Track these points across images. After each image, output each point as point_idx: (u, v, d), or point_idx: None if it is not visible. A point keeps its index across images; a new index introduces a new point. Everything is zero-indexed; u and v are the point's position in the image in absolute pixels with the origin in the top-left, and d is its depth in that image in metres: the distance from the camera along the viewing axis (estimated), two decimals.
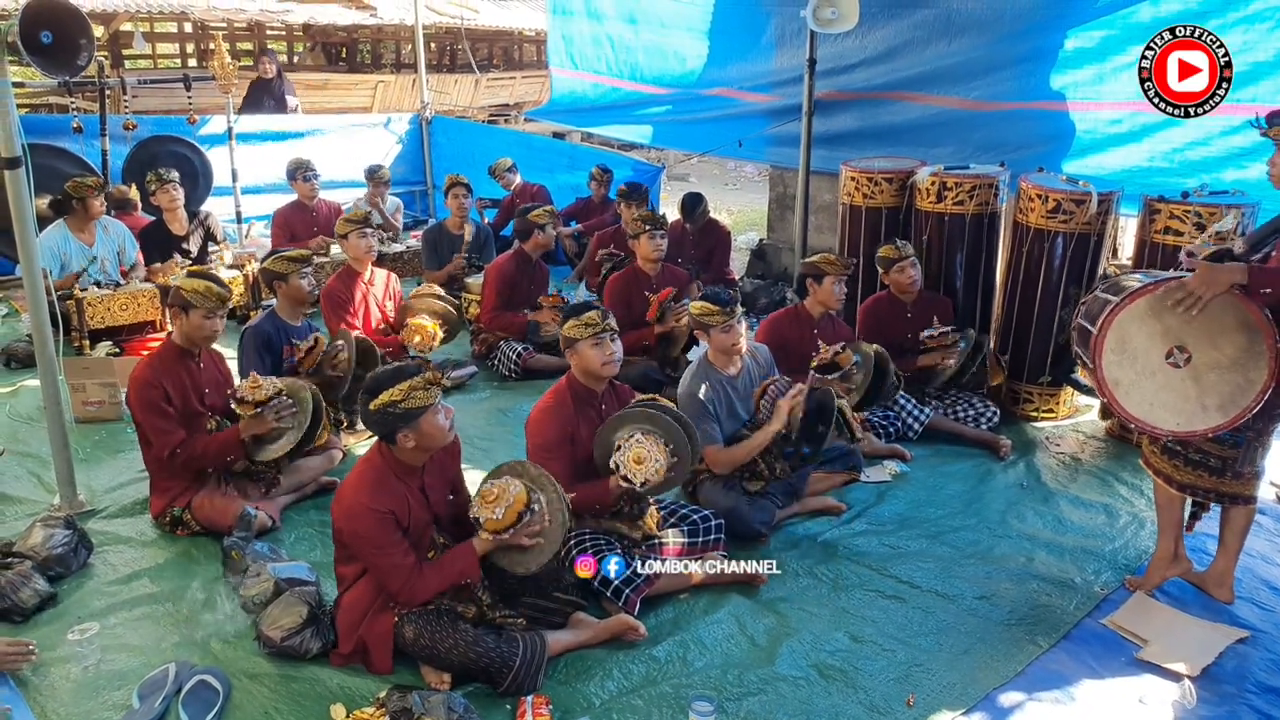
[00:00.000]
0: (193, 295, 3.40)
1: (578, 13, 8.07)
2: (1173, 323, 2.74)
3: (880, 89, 5.77)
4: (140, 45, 13.28)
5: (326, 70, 14.08)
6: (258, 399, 3.39)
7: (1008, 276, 4.63)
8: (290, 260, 4.07)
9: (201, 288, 3.40)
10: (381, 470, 2.66)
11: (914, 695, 2.65)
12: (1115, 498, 3.86)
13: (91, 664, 2.71)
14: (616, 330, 3.16)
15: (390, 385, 2.55)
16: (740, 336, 3.52)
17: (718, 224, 6.55)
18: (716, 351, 3.57)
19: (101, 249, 5.53)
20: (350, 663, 2.70)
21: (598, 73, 8.10)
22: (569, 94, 8.60)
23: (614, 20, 7.79)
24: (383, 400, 2.54)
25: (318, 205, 6.70)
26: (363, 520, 2.57)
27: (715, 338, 3.51)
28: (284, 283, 4.07)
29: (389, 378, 2.59)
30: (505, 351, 5.22)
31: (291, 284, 4.07)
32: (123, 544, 3.42)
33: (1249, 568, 3.29)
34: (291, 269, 4.06)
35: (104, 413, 4.52)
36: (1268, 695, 2.66)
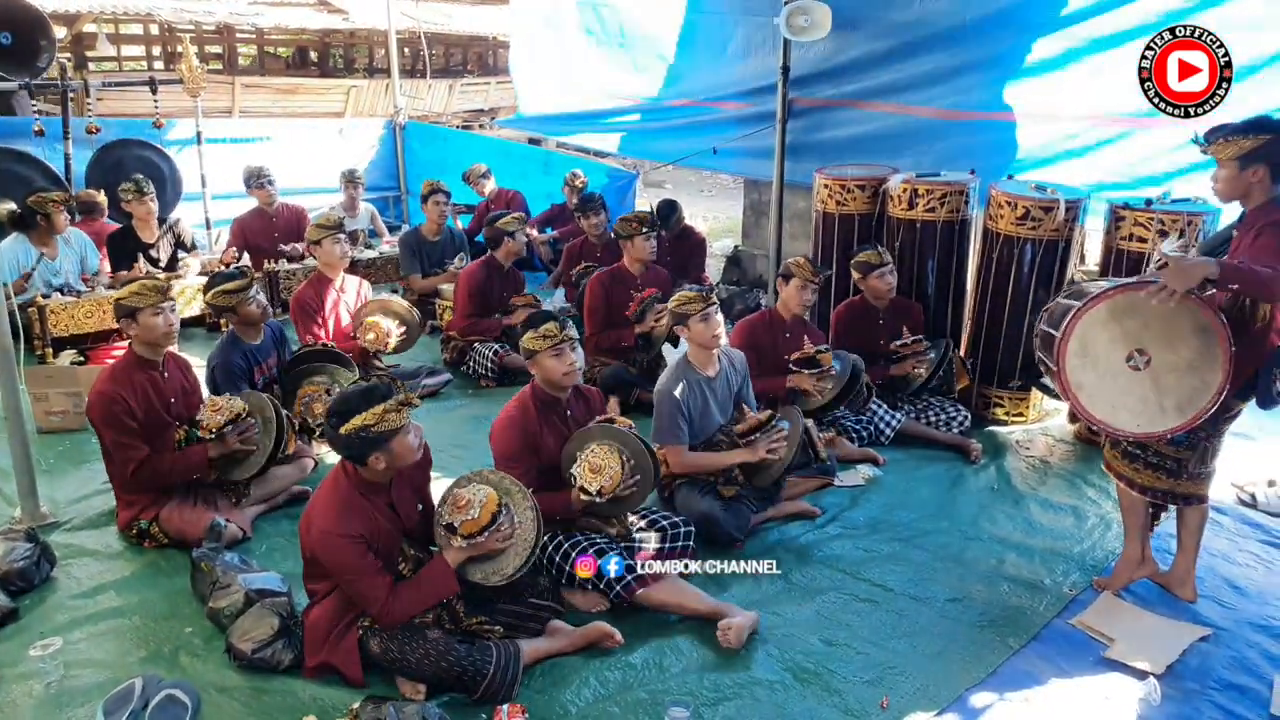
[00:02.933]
0: (131, 298, 3.34)
1: (543, 22, 8.03)
2: (1133, 326, 2.80)
3: (851, 97, 5.82)
4: (105, 47, 13.09)
5: (298, 75, 13.96)
6: (216, 425, 3.34)
7: (978, 282, 4.70)
8: (231, 293, 3.93)
9: (135, 287, 3.37)
10: (347, 491, 2.62)
11: (888, 697, 2.67)
12: (1083, 500, 3.92)
13: (55, 680, 2.65)
14: (576, 339, 3.17)
15: (362, 409, 2.49)
16: (720, 326, 3.56)
17: (692, 231, 6.58)
18: (696, 346, 3.58)
19: (65, 262, 5.43)
20: (323, 674, 2.67)
21: (578, 85, 8.08)
22: (539, 105, 8.58)
23: (577, 31, 7.75)
24: (355, 425, 2.49)
25: (278, 210, 6.61)
26: (334, 549, 2.54)
27: (695, 328, 3.52)
28: (233, 313, 3.99)
29: (360, 400, 2.52)
30: (481, 353, 5.20)
31: (241, 311, 3.97)
32: (88, 557, 3.36)
33: (1211, 567, 3.36)
34: (236, 300, 3.93)
35: (68, 422, 4.43)
36: (1230, 691, 2.72)
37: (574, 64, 7.96)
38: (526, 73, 8.64)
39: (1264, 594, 3.23)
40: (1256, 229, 2.78)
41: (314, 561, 2.66)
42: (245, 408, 3.43)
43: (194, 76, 6.62)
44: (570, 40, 7.92)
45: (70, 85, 6.63)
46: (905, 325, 4.53)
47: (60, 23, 11.52)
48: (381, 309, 4.69)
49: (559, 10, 7.93)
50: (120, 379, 3.35)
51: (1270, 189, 2.80)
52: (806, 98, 5.97)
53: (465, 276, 5.33)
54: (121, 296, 3.38)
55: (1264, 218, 2.78)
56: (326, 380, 4.09)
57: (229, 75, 12.52)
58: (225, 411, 3.38)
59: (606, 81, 7.72)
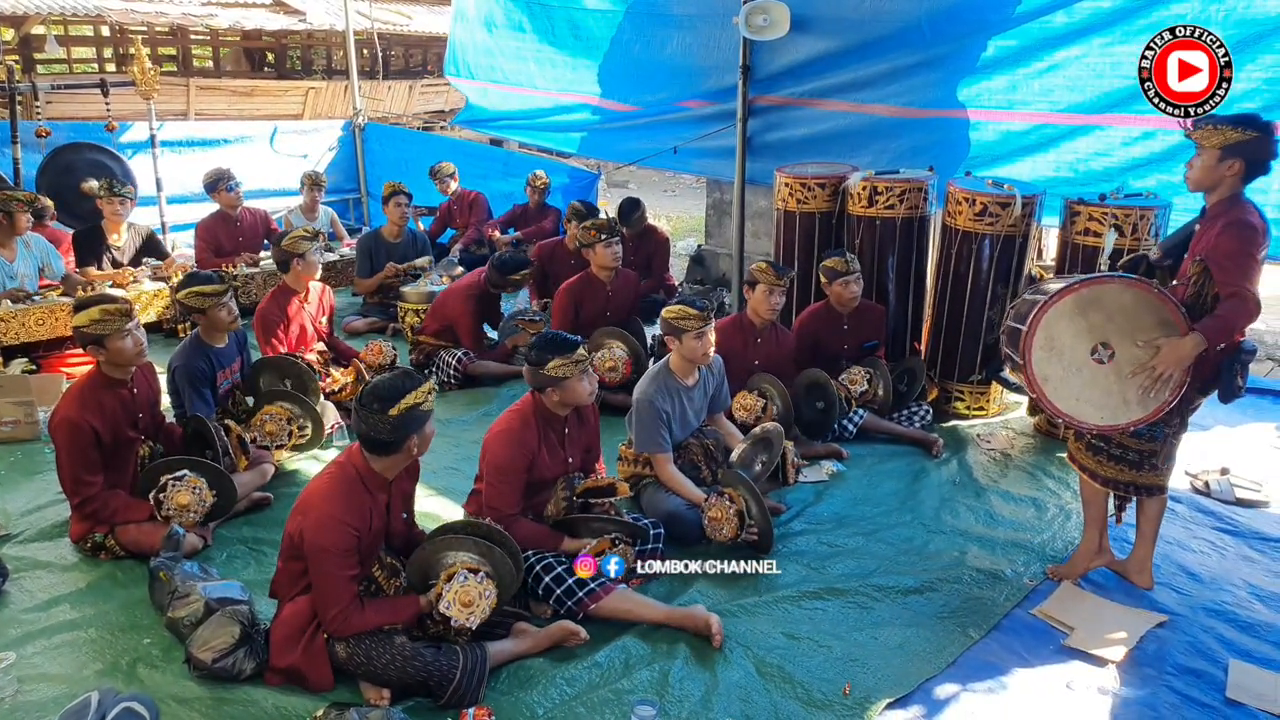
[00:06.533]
0: (95, 326, 3.20)
1: (498, 25, 7.95)
2: (1097, 320, 2.86)
3: (809, 96, 5.86)
4: (54, 49, 12.76)
5: (254, 77, 13.75)
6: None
7: (938, 277, 4.76)
8: (206, 295, 3.83)
9: (97, 314, 3.20)
10: (353, 482, 2.60)
11: (850, 684, 2.70)
12: (1043, 491, 3.99)
13: (8, 696, 2.59)
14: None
15: (410, 389, 2.54)
16: (711, 345, 3.57)
17: (655, 230, 6.59)
18: (683, 359, 3.59)
19: (22, 264, 5.29)
20: (287, 682, 2.63)
21: (518, 84, 8.02)
22: (484, 103, 8.53)
23: (530, 35, 7.68)
24: (407, 404, 2.51)
25: (241, 215, 6.53)
26: (333, 534, 2.51)
27: (685, 343, 3.54)
28: (203, 314, 3.88)
29: (404, 382, 2.57)
30: (444, 359, 5.16)
31: (211, 315, 3.87)
32: (41, 569, 3.28)
33: (1167, 554, 3.43)
34: (209, 304, 3.84)
35: (19, 432, 4.32)
36: (1186, 676, 2.78)
37: (518, 62, 7.90)
38: (469, 61, 8.51)
39: (1218, 580, 3.31)
40: (1220, 225, 2.84)
41: (295, 554, 2.61)
42: (172, 489, 3.30)
43: (147, 78, 6.49)
44: (512, 38, 7.85)
45: (18, 88, 6.46)
46: (867, 331, 4.57)
47: (7, 24, 11.23)
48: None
49: (497, 8, 7.86)
50: (88, 403, 3.23)
51: (1239, 186, 2.87)
52: (767, 96, 6.01)
53: (463, 308, 5.19)
54: (82, 324, 3.20)
55: (1226, 214, 2.85)
56: (293, 408, 4.03)
57: (184, 77, 12.29)
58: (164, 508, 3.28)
59: (557, 80, 7.67)
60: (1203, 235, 2.94)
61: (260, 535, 3.54)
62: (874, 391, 4.47)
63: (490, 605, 2.64)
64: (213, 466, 3.40)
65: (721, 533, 3.31)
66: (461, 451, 4.27)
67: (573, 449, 3.26)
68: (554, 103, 7.73)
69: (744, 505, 3.32)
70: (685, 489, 3.50)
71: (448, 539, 2.73)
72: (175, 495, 3.27)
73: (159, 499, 3.27)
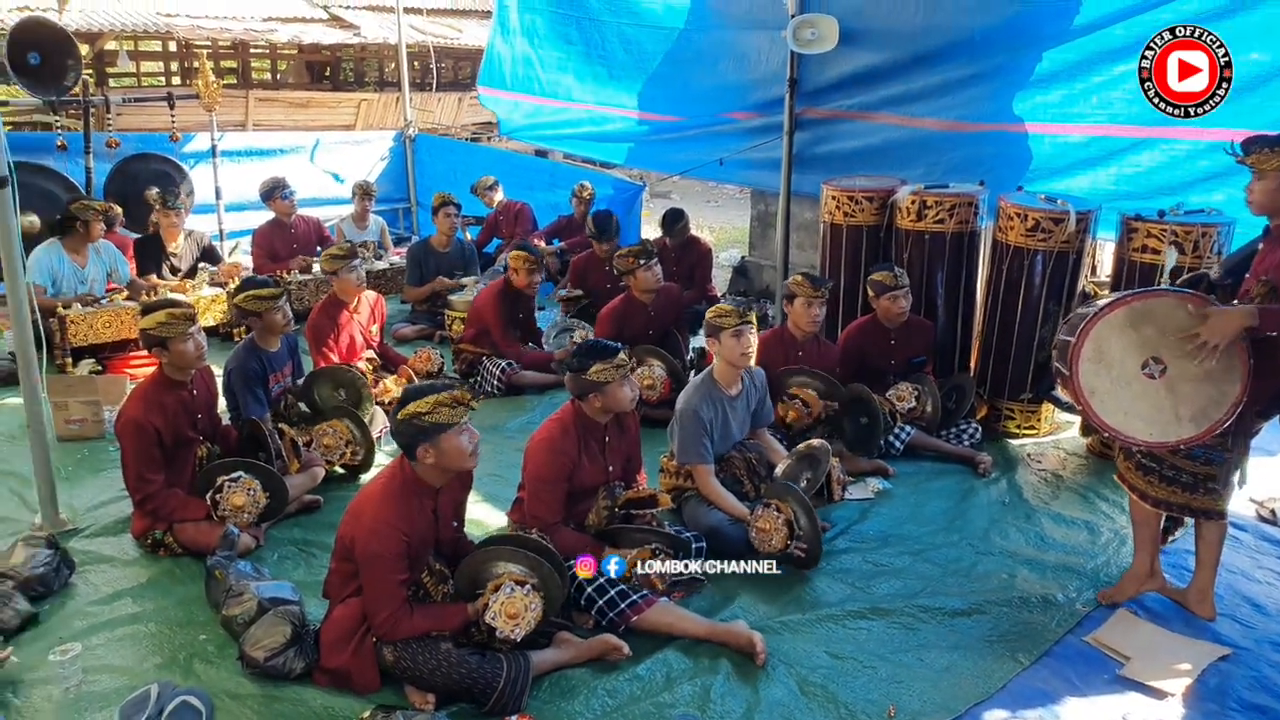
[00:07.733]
0: (160, 329, 3.35)
1: (540, 36, 8.04)
2: (1150, 334, 2.79)
3: (859, 109, 5.83)
4: (125, 63, 13.27)
5: (310, 89, 14.10)
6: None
7: (988, 294, 4.69)
8: (263, 299, 3.97)
9: (163, 317, 3.35)
10: (401, 487, 2.67)
11: (894, 706, 2.66)
12: (1097, 514, 3.89)
13: (74, 685, 2.69)
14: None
15: (418, 397, 2.60)
16: (751, 346, 3.55)
17: (698, 240, 6.59)
18: (725, 363, 3.58)
19: (93, 269, 5.55)
20: (334, 683, 2.69)
21: (552, 95, 8.08)
22: (512, 116, 8.62)
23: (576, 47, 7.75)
24: (409, 411, 2.58)
25: (295, 222, 6.71)
26: (384, 539, 2.56)
27: (724, 342, 3.53)
28: (258, 319, 4.02)
29: (419, 390, 2.64)
30: (488, 368, 5.23)
31: (266, 319, 4.01)
32: (105, 563, 3.40)
33: (1230, 584, 3.32)
34: (265, 307, 3.98)
35: (86, 430, 4.48)
36: (1250, 712, 2.68)
37: (558, 73, 7.96)
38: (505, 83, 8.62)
39: None
40: None
41: (348, 556, 2.67)
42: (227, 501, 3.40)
43: (210, 91, 6.71)
44: (555, 49, 7.92)
45: (92, 101, 6.74)
46: (915, 346, 4.51)
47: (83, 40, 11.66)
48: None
49: (540, 19, 7.94)
50: (152, 404, 3.38)
51: None
52: (814, 109, 5.99)
53: (492, 309, 5.24)
54: (148, 327, 3.36)
55: None
56: (355, 432, 4.07)
57: (243, 89, 12.66)
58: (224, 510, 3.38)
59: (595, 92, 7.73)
60: (1267, 255, 2.86)
61: (310, 537, 3.62)
62: (922, 408, 4.42)
63: (536, 618, 2.66)
64: (266, 468, 3.50)
65: (770, 544, 3.28)
66: (504, 459, 4.31)
67: (613, 457, 3.27)
68: (589, 114, 7.79)
69: (792, 515, 3.30)
70: (727, 502, 3.49)
71: (498, 549, 2.76)
72: (231, 496, 3.37)
73: (215, 499, 3.37)
